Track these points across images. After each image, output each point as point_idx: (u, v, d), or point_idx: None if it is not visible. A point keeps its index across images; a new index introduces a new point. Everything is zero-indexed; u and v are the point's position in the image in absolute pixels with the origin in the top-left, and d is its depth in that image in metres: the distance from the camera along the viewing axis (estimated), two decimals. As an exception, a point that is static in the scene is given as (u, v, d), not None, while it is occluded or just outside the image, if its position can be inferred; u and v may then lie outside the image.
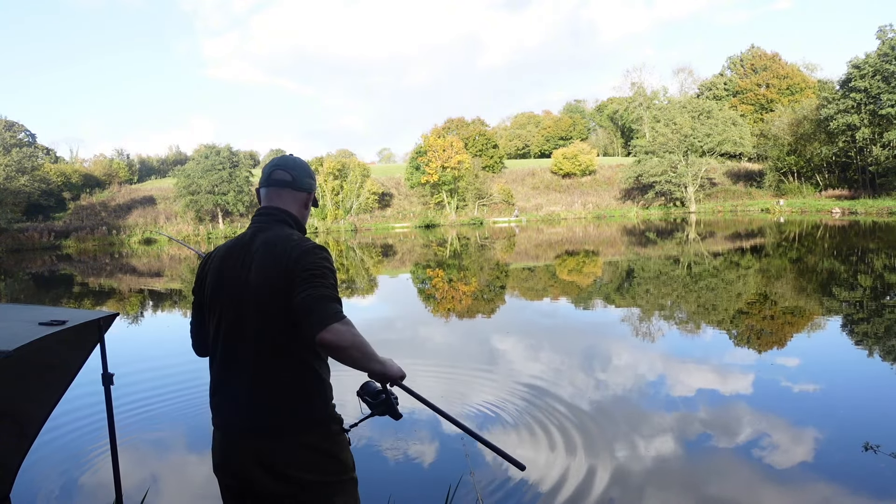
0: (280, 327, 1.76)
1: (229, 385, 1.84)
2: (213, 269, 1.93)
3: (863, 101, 35.80)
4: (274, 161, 2.00)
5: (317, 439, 1.80)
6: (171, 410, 5.44)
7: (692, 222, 34.72)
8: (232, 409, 1.83)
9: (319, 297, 1.67)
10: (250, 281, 1.80)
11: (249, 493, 1.84)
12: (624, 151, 66.80)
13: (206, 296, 1.93)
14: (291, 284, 1.71)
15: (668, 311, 9.98)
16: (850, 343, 7.42)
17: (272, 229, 1.88)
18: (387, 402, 1.92)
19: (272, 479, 1.77)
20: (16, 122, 46.97)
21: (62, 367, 3.00)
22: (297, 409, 1.78)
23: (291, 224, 1.94)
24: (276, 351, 1.78)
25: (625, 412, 5.03)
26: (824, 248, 19.26)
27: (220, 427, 1.89)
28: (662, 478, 3.80)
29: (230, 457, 1.83)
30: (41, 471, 4.13)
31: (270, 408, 1.77)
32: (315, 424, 1.81)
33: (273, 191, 1.96)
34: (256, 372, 1.78)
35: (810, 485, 3.66)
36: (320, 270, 1.73)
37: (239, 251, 1.88)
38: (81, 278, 20.87)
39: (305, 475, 1.77)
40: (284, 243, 1.80)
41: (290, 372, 1.79)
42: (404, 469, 4.05)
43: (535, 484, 3.73)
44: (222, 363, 1.86)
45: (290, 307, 1.71)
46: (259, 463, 1.77)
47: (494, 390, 5.66)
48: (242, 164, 44.74)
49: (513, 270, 17.27)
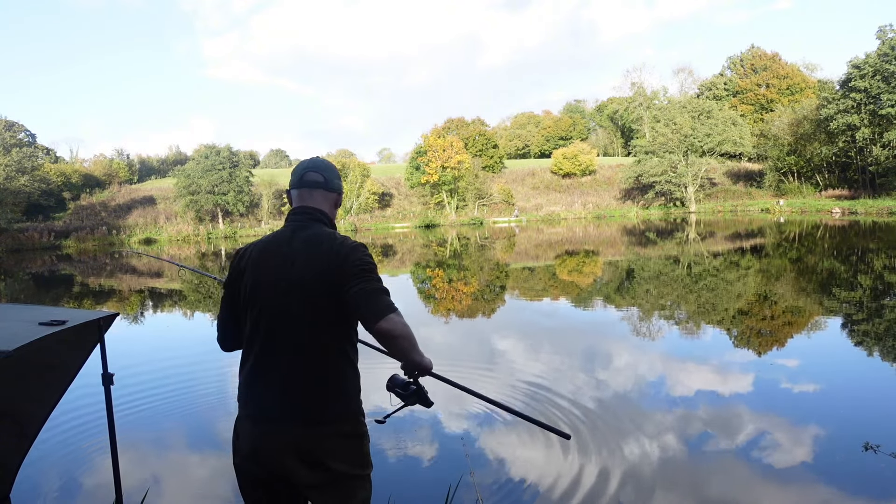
0: (329, 320, 1.87)
1: (271, 375, 1.88)
2: (252, 265, 1.97)
3: (863, 101, 35.80)
4: (305, 164, 2.08)
5: (351, 428, 1.90)
6: (172, 410, 5.44)
7: (692, 222, 34.72)
8: (273, 398, 1.87)
9: (374, 290, 1.82)
10: (298, 276, 1.87)
11: (278, 483, 1.88)
12: (624, 151, 66.80)
13: (246, 290, 1.96)
14: (343, 279, 1.83)
15: (668, 311, 9.98)
16: (850, 343, 7.42)
17: (311, 227, 1.96)
18: (418, 392, 1.98)
19: (307, 468, 1.83)
20: (16, 122, 47.00)
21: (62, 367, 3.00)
22: (337, 400, 1.88)
23: (326, 223, 2.02)
24: (322, 343, 1.87)
25: (624, 412, 5.03)
26: (824, 248, 19.26)
27: (253, 417, 1.91)
28: (662, 477, 3.80)
29: (264, 446, 1.86)
30: (41, 471, 4.13)
31: (314, 397, 1.85)
32: (351, 414, 1.91)
33: (306, 192, 2.04)
34: (302, 363, 1.86)
35: (810, 485, 3.66)
36: (369, 266, 1.87)
37: (281, 248, 1.94)
38: (81, 278, 20.87)
39: (339, 465, 1.85)
40: (330, 241, 1.91)
41: (332, 363, 1.89)
42: (404, 469, 4.05)
43: (535, 484, 3.73)
44: (264, 355, 1.90)
45: (339, 301, 1.84)
46: (296, 451, 1.83)
47: (495, 390, 5.66)
48: (242, 164, 44.75)
49: (513, 270, 17.27)
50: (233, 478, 2.07)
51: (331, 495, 1.87)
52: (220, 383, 6.20)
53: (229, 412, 5.29)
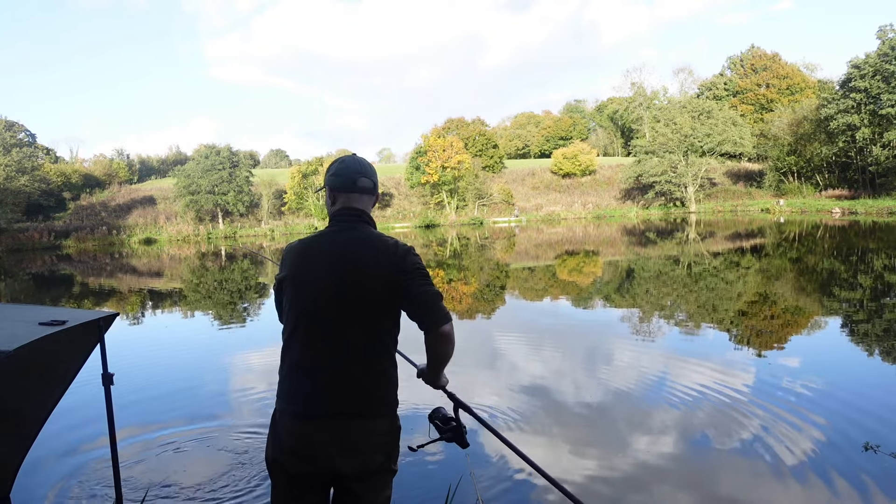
0: (379, 318, 1.96)
1: (318, 371, 1.93)
2: (300, 263, 2.01)
3: (863, 101, 35.79)
4: (353, 167, 2.10)
5: (390, 421, 2.00)
6: (172, 410, 5.43)
7: (692, 222, 34.72)
8: (319, 393, 1.91)
9: (436, 294, 1.94)
10: (352, 275, 1.93)
11: (320, 476, 1.93)
12: (624, 151, 66.77)
13: (295, 287, 1.99)
14: (400, 280, 1.92)
15: (668, 311, 9.98)
16: (849, 343, 7.42)
17: (359, 229, 2.03)
18: (456, 430, 2.05)
19: (352, 459, 1.90)
20: (16, 122, 46.91)
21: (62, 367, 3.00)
22: (383, 393, 1.98)
23: (372, 224, 2.10)
24: (371, 340, 1.95)
25: (625, 412, 5.03)
26: (824, 248, 19.26)
27: (298, 412, 1.93)
28: (663, 477, 3.80)
29: (308, 439, 1.90)
30: (41, 471, 4.12)
31: (361, 392, 1.93)
32: (391, 408, 2.01)
33: (356, 196, 2.09)
34: (350, 359, 1.93)
35: (810, 485, 3.66)
36: (425, 270, 1.99)
37: (333, 247, 1.99)
38: (81, 278, 20.87)
39: (377, 456, 1.94)
40: (384, 242, 1.98)
41: (378, 359, 1.97)
42: (404, 469, 4.03)
43: (535, 483, 3.73)
44: (311, 351, 1.95)
45: (391, 300, 1.94)
46: (342, 443, 1.89)
47: (495, 389, 5.66)
48: (242, 164, 44.73)
49: (513, 270, 17.27)
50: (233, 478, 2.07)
51: (369, 486, 1.95)
52: (220, 383, 6.20)
53: (230, 412, 5.29)
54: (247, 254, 27.12)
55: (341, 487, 1.97)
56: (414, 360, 2.38)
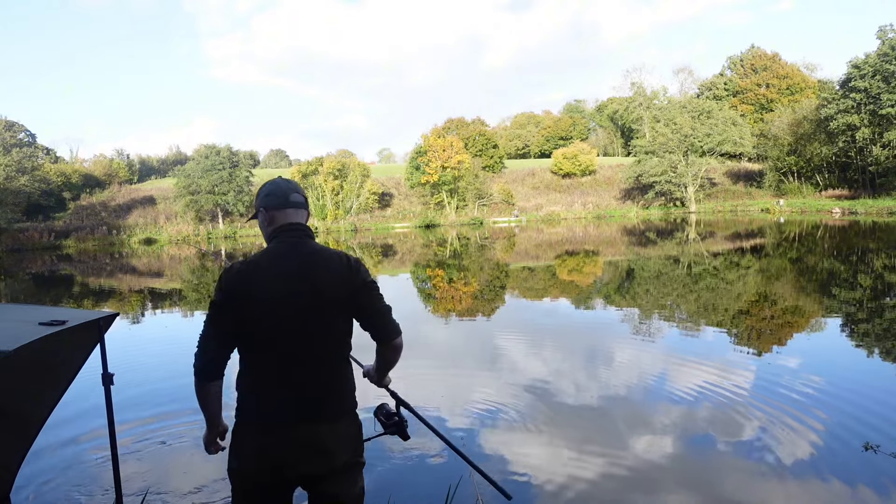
0: (340, 329, 2.07)
1: (284, 383, 1.99)
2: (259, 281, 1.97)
3: (863, 101, 35.78)
4: (283, 185, 2.18)
5: (352, 421, 2.11)
6: (172, 410, 5.43)
7: (692, 222, 34.71)
8: (286, 404, 1.97)
9: (388, 308, 2.11)
10: (313, 290, 1.99)
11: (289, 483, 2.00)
12: (624, 151, 66.75)
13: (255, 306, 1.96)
14: (356, 293, 2.04)
15: (668, 311, 9.98)
16: (850, 343, 7.42)
17: (308, 244, 2.09)
18: (399, 424, 2.28)
19: (318, 460, 1.97)
20: (16, 122, 46.99)
21: (62, 367, 3.00)
22: (343, 399, 2.08)
23: (313, 237, 2.16)
24: (334, 350, 2.07)
25: (625, 412, 5.03)
26: (824, 248, 19.26)
27: (264, 424, 1.98)
28: (663, 477, 3.80)
29: (277, 446, 1.95)
30: (41, 471, 4.12)
31: (330, 397, 2.04)
32: (353, 409, 2.12)
33: (293, 211, 2.15)
34: (315, 370, 2.02)
35: (810, 484, 3.66)
36: (375, 283, 2.12)
37: (289, 262, 2.02)
38: (81, 278, 20.86)
39: (344, 454, 2.02)
40: (336, 256, 2.08)
41: (343, 365, 2.11)
42: (404, 469, 4.04)
43: (535, 483, 3.73)
44: (276, 365, 1.99)
45: (348, 312, 2.06)
46: (310, 445, 1.97)
47: (496, 389, 5.66)
48: (242, 164, 44.70)
49: (513, 270, 17.27)
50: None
51: (339, 483, 2.02)
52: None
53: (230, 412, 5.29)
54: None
55: (315, 490, 2.04)
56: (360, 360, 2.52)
